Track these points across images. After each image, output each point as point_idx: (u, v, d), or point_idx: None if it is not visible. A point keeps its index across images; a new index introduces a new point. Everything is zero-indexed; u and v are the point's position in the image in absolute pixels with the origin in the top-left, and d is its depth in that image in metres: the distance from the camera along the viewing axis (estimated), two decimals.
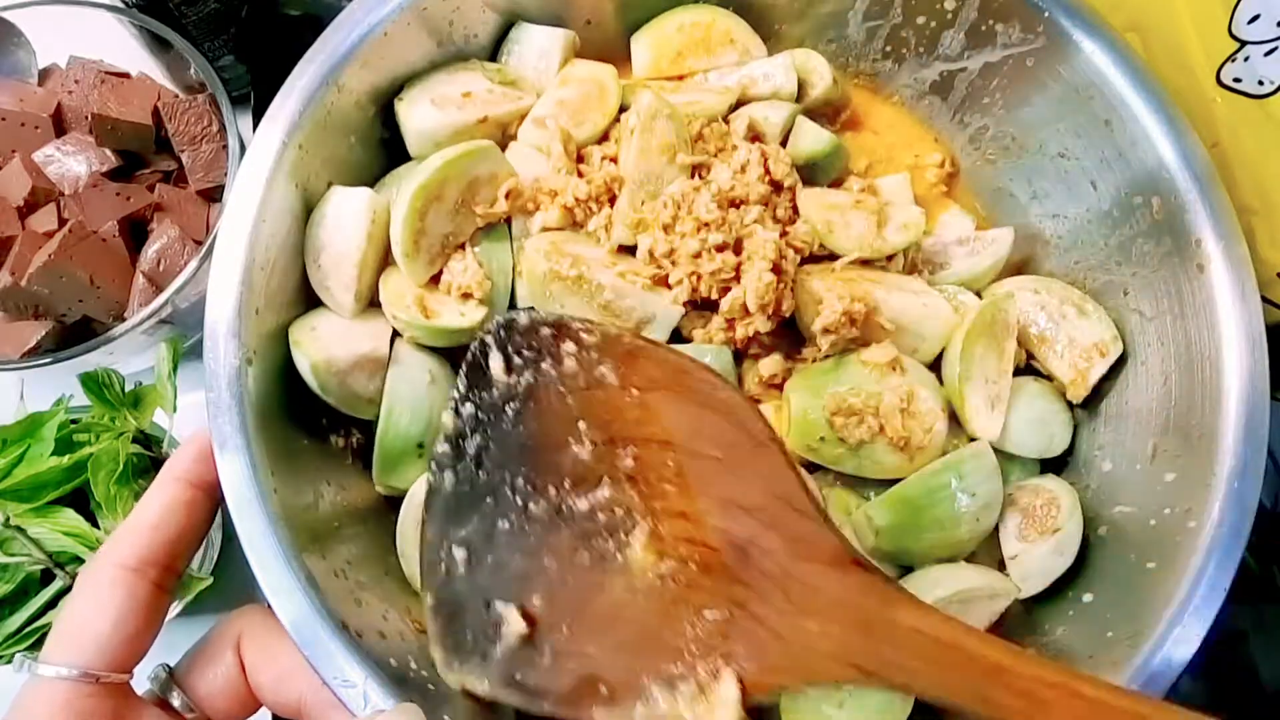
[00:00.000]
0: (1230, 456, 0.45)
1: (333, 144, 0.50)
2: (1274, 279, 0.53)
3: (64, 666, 0.37)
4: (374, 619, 0.44)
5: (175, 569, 0.42)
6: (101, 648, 0.38)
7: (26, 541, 0.53)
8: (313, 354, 0.47)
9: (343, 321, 0.50)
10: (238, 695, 0.42)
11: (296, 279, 0.50)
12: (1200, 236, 0.47)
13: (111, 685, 0.38)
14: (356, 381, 0.49)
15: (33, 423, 0.55)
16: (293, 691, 0.41)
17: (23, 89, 0.66)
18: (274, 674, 0.42)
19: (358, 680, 0.40)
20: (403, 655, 0.44)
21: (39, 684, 0.37)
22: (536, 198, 0.52)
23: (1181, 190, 0.48)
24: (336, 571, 0.44)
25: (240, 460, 0.42)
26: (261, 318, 0.46)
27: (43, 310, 0.62)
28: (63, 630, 0.39)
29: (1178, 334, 0.49)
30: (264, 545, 0.41)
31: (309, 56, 0.48)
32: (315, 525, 0.45)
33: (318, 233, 0.49)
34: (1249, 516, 0.44)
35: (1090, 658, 0.45)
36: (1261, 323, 0.46)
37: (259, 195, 0.46)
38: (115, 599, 0.39)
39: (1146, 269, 0.50)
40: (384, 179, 0.54)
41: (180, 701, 0.41)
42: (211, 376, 0.43)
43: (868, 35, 0.59)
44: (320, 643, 0.40)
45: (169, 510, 0.41)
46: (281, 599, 0.41)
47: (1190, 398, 0.47)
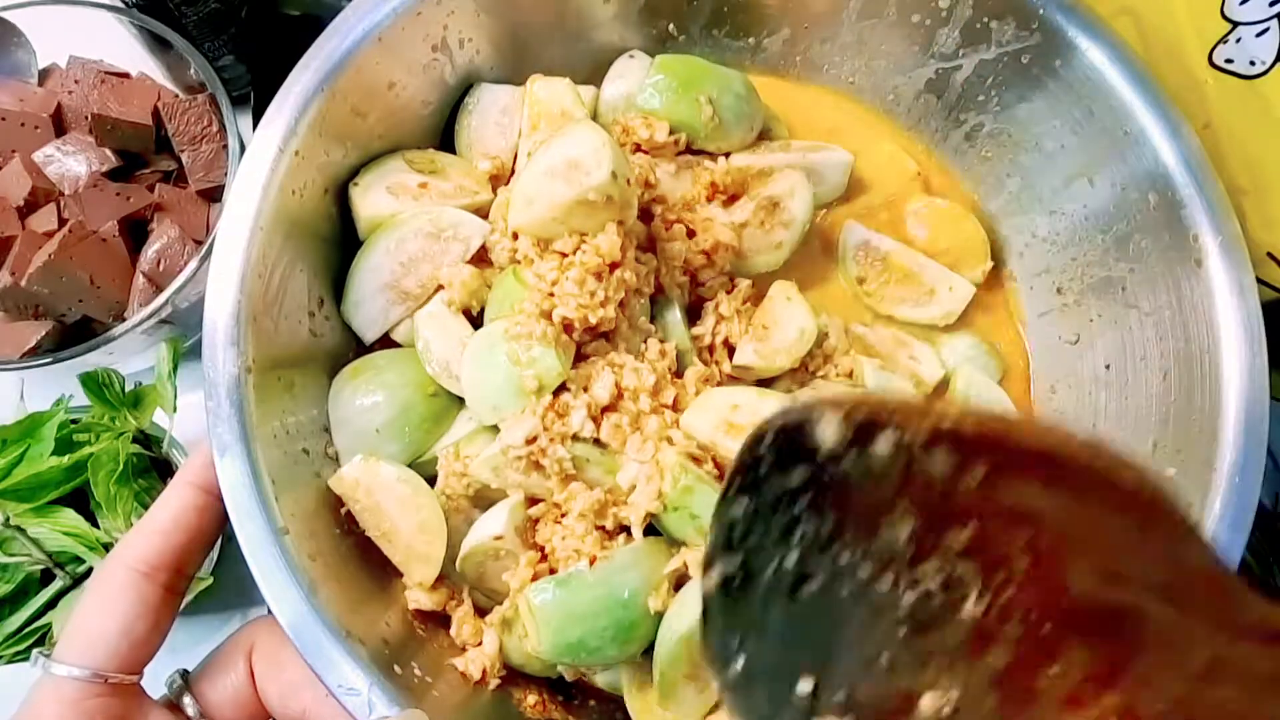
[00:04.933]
0: (1230, 451, 0.45)
1: (327, 151, 0.50)
2: (1265, 259, 0.53)
3: (74, 666, 0.38)
4: (376, 624, 0.44)
5: (185, 573, 0.42)
6: (111, 649, 0.39)
7: (26, 541, 0.53)
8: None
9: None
10: (246, 705, 0.42)
11: (295, 287, 0.49)
12: (1197, 231, 0.47)
13: (120, 686, 0.39)
14: None
15: (33, 423, 0.55)
16: (298, 703, 0.42)
17: (23, 89, 0.66)
18: (280, 685, 0.42)
19: (362, 688, 0.40)
20: (406, 661, 0.44)
21: (50, 682, 0.38)
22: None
23: (1178, 185, 0.48)
24: (338, 578, 0.44)
25: (240, 468, 0.42)
26: (260, 325, 0.46)
27: (43, 310, 0.62)
28: (74, 631, 0.40)
29: (1176, 329, 0.49)
30: (265, 554, 0.41)
31: (303, 63, 0.48)
32: (316, 532, 0.45)
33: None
34: (1250, 510, 0.44)
35: None
36: (1260, 318, 0.46)
37: (255, 203, 0.46)
38: (125, 602, 0.39)
39: (1144, 265, 0.51)
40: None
41: (192, 709, 0.42)
42: (210, 385, 0.43)
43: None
44: (323, 649, 0.40)
45: (180, 515, 0.42)
46: (283, 606, 0.41)
47: (1189, 393, 0.48)
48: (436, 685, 0.45)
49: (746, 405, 0.49)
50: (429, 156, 0.57)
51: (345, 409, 0.50)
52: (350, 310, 0.53)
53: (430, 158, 0.57)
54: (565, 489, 0.47)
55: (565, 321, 0.47)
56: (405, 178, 0.54)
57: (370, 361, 0.53)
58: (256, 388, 0.44)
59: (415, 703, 0.41)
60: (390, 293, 0.53)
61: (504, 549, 0.48)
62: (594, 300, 0.47)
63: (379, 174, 0.54)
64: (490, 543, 0.48)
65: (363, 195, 0.53)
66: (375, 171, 0.54)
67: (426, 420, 0.50)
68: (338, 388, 0.51)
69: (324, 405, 0.51)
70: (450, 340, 0.50)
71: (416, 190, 0.53)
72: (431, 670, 0.45)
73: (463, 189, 0.55)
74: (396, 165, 0.54)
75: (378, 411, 0.49)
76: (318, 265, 0.52)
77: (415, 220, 0.52)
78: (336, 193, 0.53)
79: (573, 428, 0.47)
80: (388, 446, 0.49)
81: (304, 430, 0.49)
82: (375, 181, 0.53)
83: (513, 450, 0.46)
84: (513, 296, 0.49)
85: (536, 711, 0.49)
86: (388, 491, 0.48)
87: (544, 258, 0.48)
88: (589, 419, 0.47)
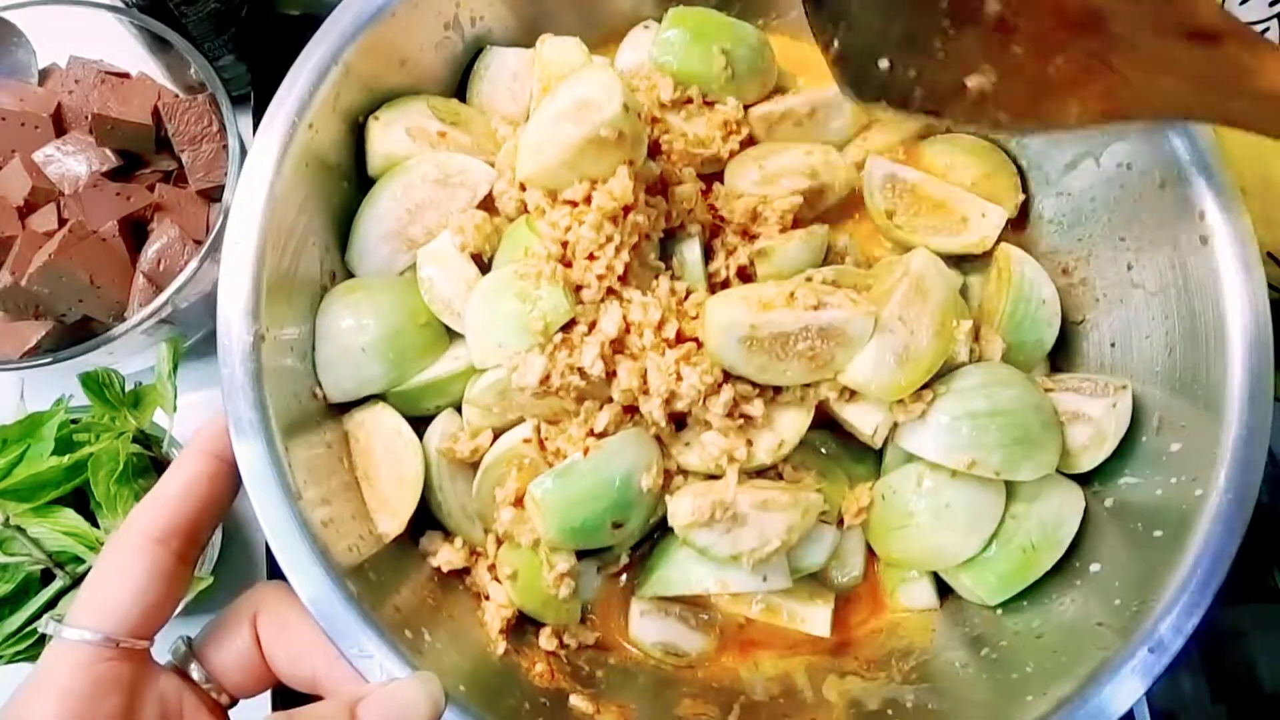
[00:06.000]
0: (1236, 424, 0.44)
1: (340, 125, 0.51)
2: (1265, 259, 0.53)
3: (86, 631, 0.38)
4: (389, 593, 0.45)
5: (198, 540, 0.42)
6: (123, 615, 0.39)
7: (26, 541, 0.53)
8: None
9: None
10: (253, 669, 0.42)
11: (310, 256, 0.50)
12: (1203, 209, 0.47)
13: (131, 651, 0.39)
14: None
15: (33, 423, 0.55)
16: (307, 666, 0.42)
17: (23, 89, 0.67)
18: (288, 649, 0.42)
19: (375, 652, 0.41)
20: (417, 627, 0.44)
21: (62, 646, 0.38)
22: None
23: (1184, 163, 0.48)
24: (351, 547, 0.44)
25: (256, 440, 0.43)
26: (274, 292, 0.46)
27: (43, 310, 0.62)
28: (87, 596, 0.40)
29: (1182, 308, 0.48)
30: (280, 517, 0.42)
31: (318, 37, 0.49)
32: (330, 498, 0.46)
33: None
34: (1255, 484, 0.44)
35: (1099, 625, 0.45)
36: (1265, 292, 0.46)
37: (270, 172, 0.46)
38: (139, 568, 0.40)
39: (1150, 244, 0.50)
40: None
41: (199, 674, 0.42)
42: (224, 353, 0.44)
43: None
44: (338, 617, 0.41)
45: (193, 483, 0.42)
46: (298, 573, 0.42)
47: (1195, 369, 0.47)
48: (446, 652, 0.45)
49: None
50: (453, 107, 0.57)
51: (333, 324, 0.50)
52: (355, 259, 0.53)
53: (455, 108, 0.57)
54: (580, 406, 0.49)
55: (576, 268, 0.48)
56: (426, 123, 0.54)
57: (363, 282, 0.53)
58: (270, 355, 0.45)
59: (426, 667, 0.41)
60: (396, 240, 0.53)
61: (527, 457, 0.49)
62: (609, 245, 0.47)
63: (401, 113, 0.54)
64: (518, 447, 0.49)
65: (382, 131, 0.53)
66: (398, 110, 0.54)
67: (415, 349, 0.51)
68: (328, 304, 0.51)
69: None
70: (455, 279, 0.50)
71: (435, 137, 0.54)
72: (441, 636, 0.46)
73: (481, 146, 0.55)
74: (419, 109, 0.55)
75: (365, 332, 0.50)
76: (328, 239, 0.52)
77: (421, 166, 0.52)
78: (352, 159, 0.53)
79: (582, 362, 0.47)
80: (371, 367, 0.50)
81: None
82: (396, 120, 0.54)
83: (528, 390, 0.47)
84: (526, 244, 0.49)
85: (544, 680, 0.49)
86: (382, 438, 0.50)
87: (554, 208, 0.48)
88: (599, 357, 0.47)
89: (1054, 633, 0.48)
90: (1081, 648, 0.45)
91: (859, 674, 0.52)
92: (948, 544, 0.50)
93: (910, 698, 0.48)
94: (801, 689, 0.51)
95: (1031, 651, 0.48)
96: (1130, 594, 0.45)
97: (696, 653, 0.53)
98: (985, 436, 0.48)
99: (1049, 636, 0.48)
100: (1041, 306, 0.54)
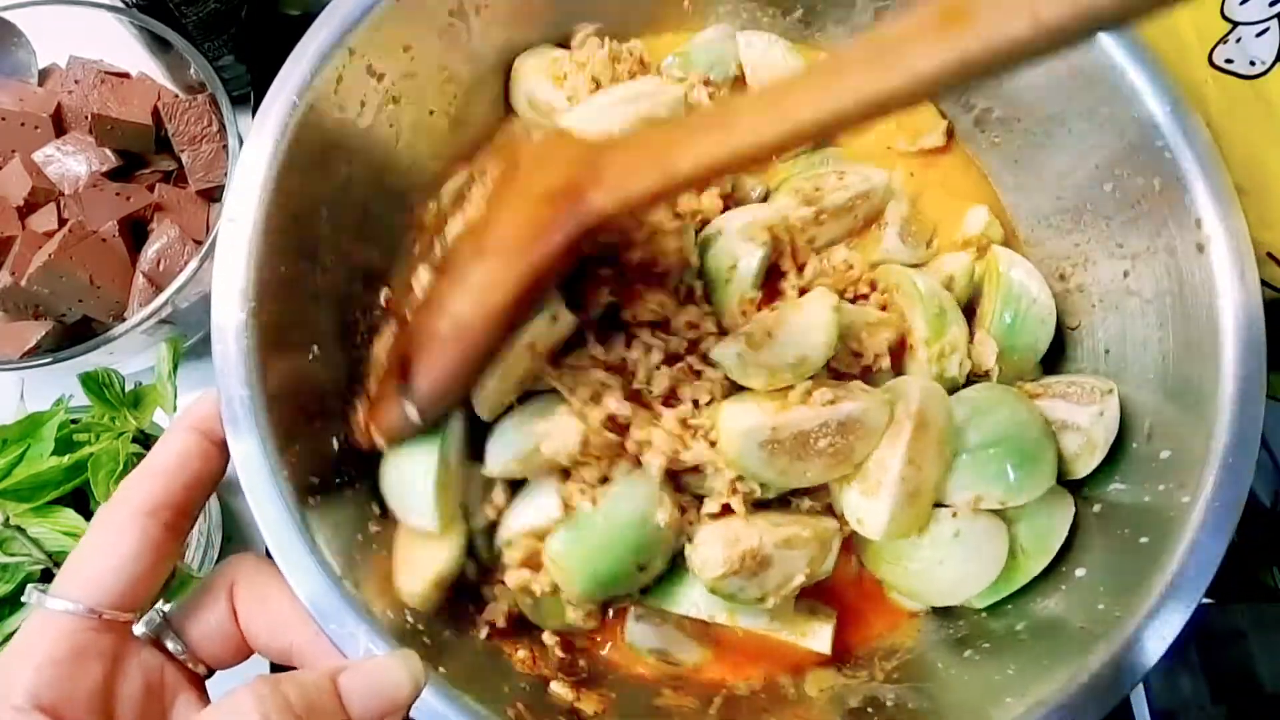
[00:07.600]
0: (1226, 433, 0.44)
1: (340, 107, 0.50)
2: (1265, 259, 0.53)
3: (70, 601, 0.38)
4: (372, 573, 0.44)
5: (188, 512, 0.42)
6: (108, 586, 0.38)
7: (26, 541, 0.53)
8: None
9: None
10: (230, 641, 0.42)
11: (306, 234, 0.49)
12: (1200, 216, 0.47)
13: (113, 623, 0.39)
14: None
15: (33, 423, 0.55)
16: (285, 639, 0.41)
17: (23, 89, 0.67)
18: (266, 621, 0.42)
19: (357, 630, 0.40)
20: (400, 610, 0.44)
21: (44, 615, 0.38)
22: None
23: (1183, 171, 0.47)
24: (337, 525, 0.44)
25: (251, 439, 0.42)
26: (268, 270, 0.45)
27: (43, 310, 0.62)
28: (72, 567, 0.39)
29: (1177, 316, 0.48)
30: (264, 490, 0.41)
31: (321, 21, 0.48)
32: (323, 475, 0.45)
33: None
34: (1243, 492, 0.44)
35: (1082, 628, 0.45)
36: (1260, 302, 0.46)
37: (268, 154, 0.45)
38: (126, 540, 0.39)
39: (1147, 251, 0.50)
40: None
41: (174, 645, 0.41)
42: (218, 330, 0.43)
43: (874, 16, 0.59)
44: (321, 595, 0.40)
45: (182, 457, 0.41)
46: (285, 553, 0.41)
47: (1187, 377, 0.47)
48: (427, 632, 0.44)
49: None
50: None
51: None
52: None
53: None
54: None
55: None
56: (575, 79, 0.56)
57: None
58: (263, 331, 0.44)
59: (406, 645, 0.41)
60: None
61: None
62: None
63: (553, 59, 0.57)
64: (545, 524, 0.48)
65: (530, 76, 0.57)
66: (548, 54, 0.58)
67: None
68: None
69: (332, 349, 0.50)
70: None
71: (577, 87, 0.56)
72: (421, 617, 0.45)
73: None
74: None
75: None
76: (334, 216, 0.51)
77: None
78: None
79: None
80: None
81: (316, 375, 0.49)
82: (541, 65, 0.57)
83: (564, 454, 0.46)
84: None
85: (525, 666, 0.49)
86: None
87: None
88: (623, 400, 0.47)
89: (1036, 635, 0.48)
90: (1063, 651, 0.45)
91: (841, 671, 0.52)
92: (955, 580, 0.50)
93: (891, 696, 0.48)
94: (783, 684, 0.51)
95: (1013, 654, 0.48)
96: (1114, 599, 0.45)
97: (691, 663, 0.53)
98: (986, 469, 0.48)
99: (1031, 639, 0.48)
100: (1033, 305, 0.54)
